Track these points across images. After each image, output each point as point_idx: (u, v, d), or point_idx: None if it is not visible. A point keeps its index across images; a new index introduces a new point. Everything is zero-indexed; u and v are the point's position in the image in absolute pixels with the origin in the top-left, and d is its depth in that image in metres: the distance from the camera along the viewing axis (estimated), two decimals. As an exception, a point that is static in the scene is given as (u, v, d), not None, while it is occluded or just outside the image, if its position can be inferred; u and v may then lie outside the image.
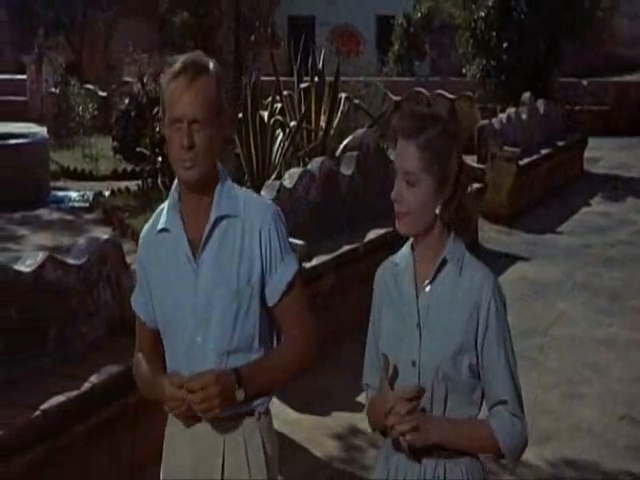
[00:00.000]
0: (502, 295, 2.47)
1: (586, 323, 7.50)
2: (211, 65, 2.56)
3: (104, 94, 20.17)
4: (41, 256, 4.46)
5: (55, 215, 11.90)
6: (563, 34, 15.63)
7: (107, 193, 12.41)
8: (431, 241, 2.48)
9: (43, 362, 4.34)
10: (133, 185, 12.49)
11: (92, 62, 31.79)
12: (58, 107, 19.04)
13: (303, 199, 7.00)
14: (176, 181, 2.63)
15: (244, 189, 2.72)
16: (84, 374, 4.32)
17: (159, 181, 11.69)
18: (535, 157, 12.65)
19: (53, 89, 20.54)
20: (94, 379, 4.27)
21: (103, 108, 18.82)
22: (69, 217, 11.74)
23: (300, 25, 30.48)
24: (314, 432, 5.47)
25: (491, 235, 10.72)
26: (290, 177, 7.04)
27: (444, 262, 2.46)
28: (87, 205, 12.36)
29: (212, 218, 2.57)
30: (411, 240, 2.55)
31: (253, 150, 11.05)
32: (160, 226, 2.64)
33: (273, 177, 9.53)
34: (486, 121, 12.34)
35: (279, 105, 11.62)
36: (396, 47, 24.11)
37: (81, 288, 4.65)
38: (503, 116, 12.61)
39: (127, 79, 20.41)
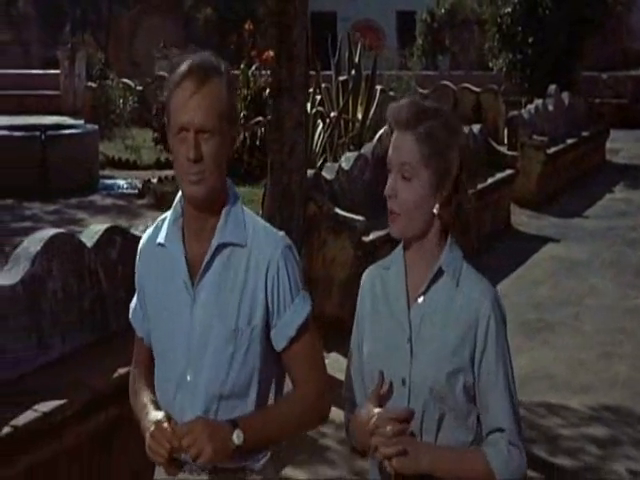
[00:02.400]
0: (502, 310, 2.27)
1: (615, 295, 8.18)
2: (222, 66, 2.30)
3: (140, 88, 20.85)
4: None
5: (108, 201, 12.63)
6: (585, 29, 16.26)
7: (155, 180, 13.13)
8: (427, 246, 2.28)
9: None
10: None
11: (117, 58, 32.48)
12: (97, 100, 19.76)
13: (359, 179, 7.70)
14: (180, 194, 2.36)
15: (255, 216, 2.41)
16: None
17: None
18: (561, 146, 13.33)
19: (91, 83, 21.28)
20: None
21: (140, 101, 19.54)
22: (121, 202, 12.46)
23: (322, 21, 31.12)
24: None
25: (522, 219, 11.40)
26: (347, 160, 7.74)
27: (440, 272, 2.26)
28: (136, 192, 13.06)
29: (214, 244, 2.29)
30: (402, 243, 2.33)
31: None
32: (159, 240, 2.38)
33: (319, 163, 10.25)
34: (516, 112, 13.01)
35: (319, 97, 12.31)
36: (420, 42, 24.77)
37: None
38: (531, 107, 13.29)
39: (162, 73, 21.10)
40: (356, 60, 13.13)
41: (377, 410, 2.20)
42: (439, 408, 2.22)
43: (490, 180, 10.19)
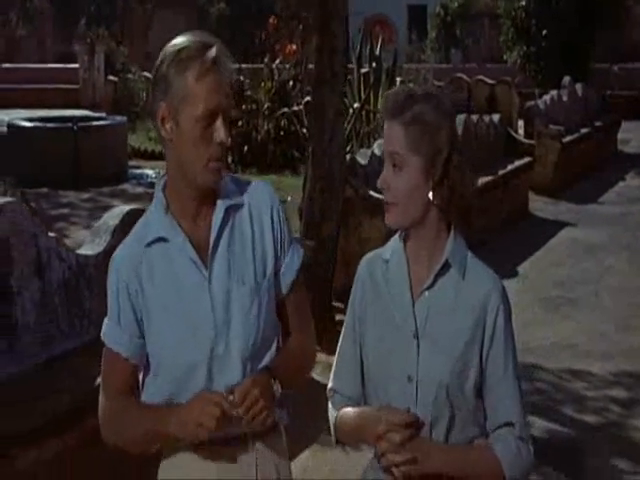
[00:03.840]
0: (509, 303, 2.23)
1: (631, 275, 8.64)
2: (222, 47, 2.26)
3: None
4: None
5: (139, 189, 13.10)
6: (597, 21, 16.70)
7: (182, 170, 13.60)
8: (426, 235, 2.22)
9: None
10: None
11: (131, 52, 32.92)
12: (119, 93, 20.24)
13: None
14: (160, 185, 2.34)
15: (236, 176, 2.44)
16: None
17: (229, 160, 12.91)
18: (576, 135, 13.81)
19: (112, 77, 21.75)
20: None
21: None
22: (152, 191, 12.85)
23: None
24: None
25: (539, 205, 11.87)
26: (379, 146, 8.19)
27: (446, 264, 2.20)
28: (165, 181, 13.53)
29: (221, 209, 2.27)
30: (399, 233, 2.29)
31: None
32: (152, 236, 2.28)
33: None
34: (532, 102, 13.46)
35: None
36: (433, 35, 25.23)
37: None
38: (547, 98, 13.74)
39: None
40: (377, 53, 13.61)
41: (388, 415, 2.14)
42: (449, 405, 2.17)
43: (510, 167, 10.65)
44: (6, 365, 3.99)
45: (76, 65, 25.35)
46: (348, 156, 7.65)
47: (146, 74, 21.48)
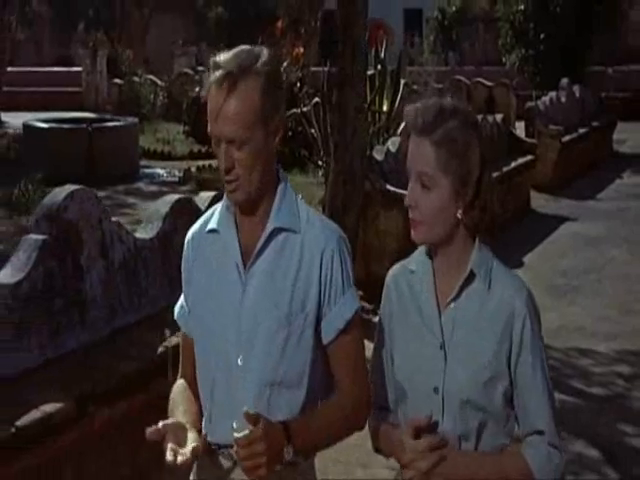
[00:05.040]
0: (537, 308, 2.21)
1: (632, 264, 9.14)
2: (259, 62, 2.18)
3: (163, 84, 21.75)
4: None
5: (152, 188, 13.53)
6: (594, 25, 17.22)
7: (194, 169, 14.04)
8: (453, 249, 2.20)
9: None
10: (215, 162, 14.13)
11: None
12: (125, 96, 20.68)
13: (404, 160, 8.60)
14: None
15: (308, 206, 2.36)
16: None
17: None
18: (574, 135, 14.33)
19: (117, 80, 22.20)
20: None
21: (167, 97, 20.47)
22: (165, 189, 13.33)
23: (329, 19, 32.00)
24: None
25: (540, 202, 12.37)
26: (393, 143, 8.67)
27: (471, 275, 2.18)
28: (177, 180, 13.98)
29: (269, 228, 2.24)
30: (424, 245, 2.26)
31: (329, 129, 12.72)
32: (211, 226, 2.34)
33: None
34: (532, 103, 13.96)
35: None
36: (431, 38, 25.76)
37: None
38: (546, 99, 14.24)
39: (186, 70, 22.02)
40: (382, 56, 14.08)
41: (412, 442, 2.12)
42: (478, 416, 2.16)
43: (513, 164, 11.14)
44: (79, 334, 4.44)
45: (78, 68, 25.81)
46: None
47: (151, 77, 22.00)
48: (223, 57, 2.17)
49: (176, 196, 5.47)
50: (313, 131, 13.25)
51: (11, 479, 3.73)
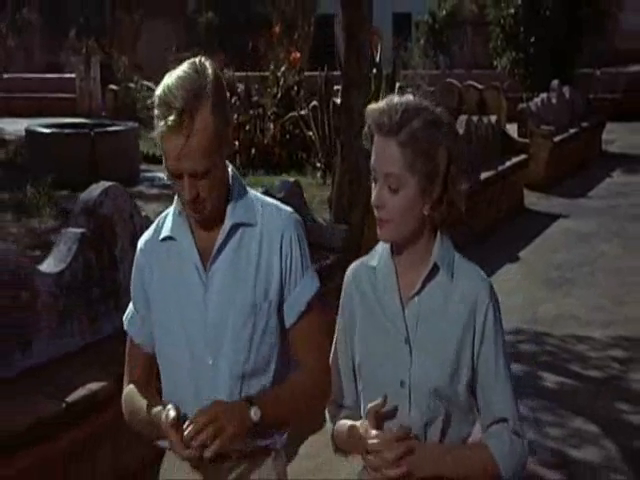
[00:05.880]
0: (498, 300, 2.22)
1: (623, 258, 9.51)
2: (207, 83, 2.15)
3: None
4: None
5: (154, 190, 13.82)
6: (584, 28, 17.62)
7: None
8: (418, 244, 2.20)
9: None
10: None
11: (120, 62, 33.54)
12: (121, 102, 20.94)
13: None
14: None
15: (262, 196, 2.39)
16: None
17: (237, 162, 13.69)
18: (565, 135, 14.72)
19: (113, 86, 22.48)
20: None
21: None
22: (167, 192, 13.68)
23: (321, 23, 32.36)
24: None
25: (533, 200, 12.76)
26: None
27: (435, 268, 2.18)
28: (177, 182, 14.28)
29: (227, 225, 2.26)
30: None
31: (327, 131, 13.13)
32: (164, 234, 2.32)
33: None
34: (525, 104, 14.35)
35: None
36: (421, 42, 26.14)
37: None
38: (537, 100, 14.63)
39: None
40: (377, 60, 14.43)
41: (375, 432, 2.13)
42: (443, 407, 2.18)
43: (507, 164, 11.52)
44: (115, 321, 4.76)
45: (70, 75, 26.05)
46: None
47: (147, 83, 22.25)
48: (170, 93, 2.11)
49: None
50: (311, 133, 13.66)
51: (61, 453, 4.06)
